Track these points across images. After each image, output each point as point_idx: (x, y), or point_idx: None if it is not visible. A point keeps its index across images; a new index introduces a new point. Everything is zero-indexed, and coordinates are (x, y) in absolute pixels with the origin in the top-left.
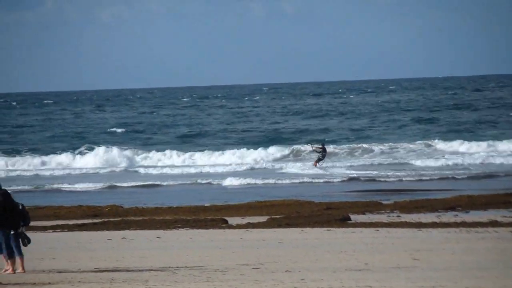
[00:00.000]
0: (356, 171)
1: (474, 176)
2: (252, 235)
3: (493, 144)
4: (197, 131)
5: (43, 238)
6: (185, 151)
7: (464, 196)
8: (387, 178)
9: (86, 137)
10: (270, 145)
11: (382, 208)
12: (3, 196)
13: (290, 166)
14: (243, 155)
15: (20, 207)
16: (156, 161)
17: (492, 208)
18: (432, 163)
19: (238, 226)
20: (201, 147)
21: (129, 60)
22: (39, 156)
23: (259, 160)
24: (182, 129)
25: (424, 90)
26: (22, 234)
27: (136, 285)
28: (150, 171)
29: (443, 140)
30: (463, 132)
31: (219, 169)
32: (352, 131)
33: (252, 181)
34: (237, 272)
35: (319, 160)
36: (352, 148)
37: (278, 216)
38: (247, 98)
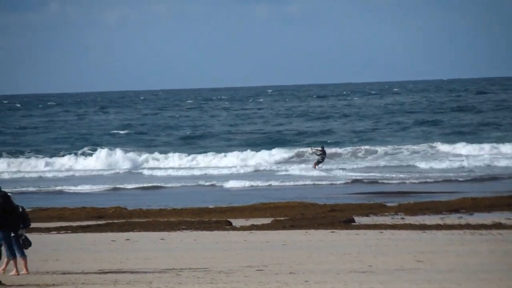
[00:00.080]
0: (360, 173)
1: (478, 179)
2: (256, 237)
3: (497, 147)
4: (201, 133)
5: (47, 240)
6: (189, 153)
7: (468, 199)
8: (391, 180)
9: (90, 139)
10: (274, 147)
11: (386, 210)
12: (3, 198)
13: (294, 168)
14: (247, 157)
15: (20, 210)
16: (160, 163)
17: (496, 211)
18: (436, 165)
19: (242, 228)
20: (205, 149)
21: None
22: (43, 158)
23: (263, 162)
24: (186, 131)
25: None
26: (23, 237)
27: (140, 287)
28: (154, 173)
29: (447, 142)
30: (467, 134)
31: (223, 171)
32: (356, 133)
33: (256, 183)
34: (241, 274)
35: (319, 163)
36: (356, 150)
37: (282, 218)
38: (251, 100)
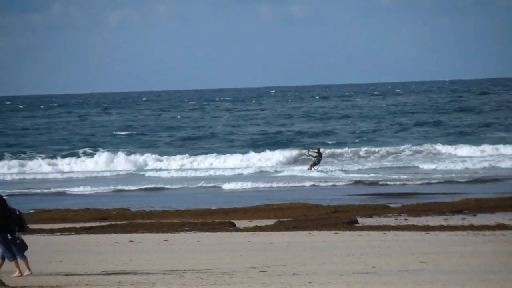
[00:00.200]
0: (362, 174)
1: (481, 180)
2: (260, 238)
3: (500, 147)
4: (203, 134)
5: (50, 241)
6: (191, 154)
7: (472, 200)
8: (394, 182)
9: (91, 140)
10: (276, 148)
11: (390, 211)
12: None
13: (296, 170)
14: (249, 158)
15: (17, 213)
16: (161, 164)
17: (500, 212)
18: (438, 166)
19: (246, 229)
20: (207, 150)
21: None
22: (44, 159)
23: (265, 163)
24: (188, 132)
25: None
26: (18, 240)
27: None
28: (155, 174)
29: (449, 143)
30: (469, 135)
31: (225, 172)
32: (358, 134)
33: (258, 185)
34: (245, 275)
35: (315, 164)
36: (358, 151)
37: (286, 219)
38: (254, 101)
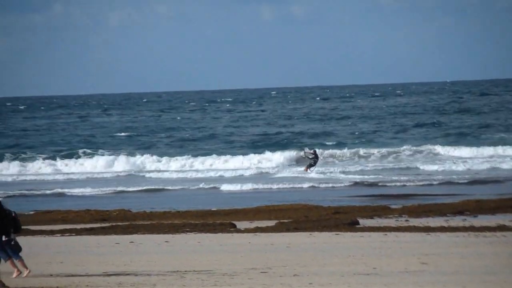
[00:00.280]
0: (362, 175)
1: (482, 181)
2: (261, 239)
3: (501, 149)
4: (203, 135)
5: (51, 242)
6: (191, 155)
7: (472, 201)
8: (394, 183)
9: (91, 141)
10: (277, 149)
11: (391, 213)
12: None
13: (297, 171)
14: (249, 159)
15: (13, 214)
16: (161, 165)
17: (500, 213)
18: (439, 168)
19: (247, 230)
20: (207, 151)
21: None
22: (44, 160)
23: (265, 164)
24: (188, 133)
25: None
26: (13, 242)
27: None
28: (155, 175)
29: (449, 144)
30: (470, 136)
31: (225, 174)
32: (358, 135)
33: (259, 186)
34: (245, 276)
35: (311, 166)
36: (358, 152)
37: (287, 221)
38: (255, 102)
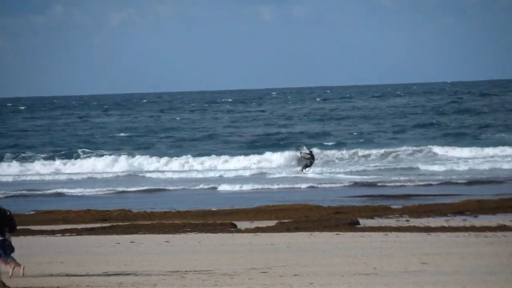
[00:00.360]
0: (363, 176)
1: (482, 181)
2: (261, 239)
3: (501, 149)
4: (203, 136)
5: (52, 242)
6: (191, 155)
7: (473, 201)
8: (394, 183)
9: (92, 141)
10: (277, 150)
11: (391, 213)
12: None
13: (296, 171)
14: (249, 160)
15: (8, 214)
16: (161, 166)
17: (501, 213)
18: (439, 168)
19: (247, 231)
20: (207, 151)
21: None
22: (44, 160)
23: (265, 165)
24: (188, 133)
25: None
26: (7, 242)
27: None
28: (155, 176)
29: (450, 145)
30: (470, 137)
31: (225, 174)
32: (358, 135)
33: (259, 186)
34: (246, 276)
35: (306, 166)
36: (358, 152)
37: (287, 221)
38: (255, 103)
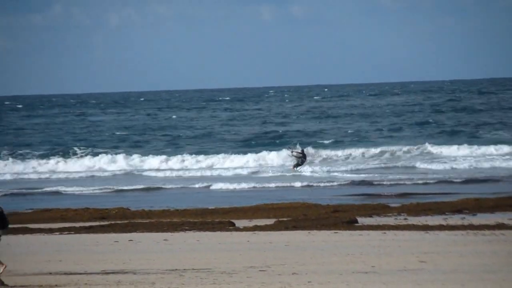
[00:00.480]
0: (361, 174)
1: (480, 179)
2: (259, 238)
3: (499, 147)
4: (200, 134)
5: (50, 241)
6: (187, 154)
7: (471, 199)
8: (393, 181)
9: (89, 139)
10: (274, 148)
11: (389, 211)
12: None
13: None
14: (247, 158)
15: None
16: (159, 164)
17: (499, 211)
18: (437, 166)
19: (245, 229)
20: (204, 150)
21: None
22: (42, 159)
23: (263, 163)
24: (185, 132)
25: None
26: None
27: None
28: (153, 174)
29: (448, 143)
30: (468, 135)
31: (223, 172)
32: (356, 134)
33: (257, 184)
34: (244, 275)
35: (298, 165)
36: (356, 151)
37: (285, 219)
38: (252, 101)
